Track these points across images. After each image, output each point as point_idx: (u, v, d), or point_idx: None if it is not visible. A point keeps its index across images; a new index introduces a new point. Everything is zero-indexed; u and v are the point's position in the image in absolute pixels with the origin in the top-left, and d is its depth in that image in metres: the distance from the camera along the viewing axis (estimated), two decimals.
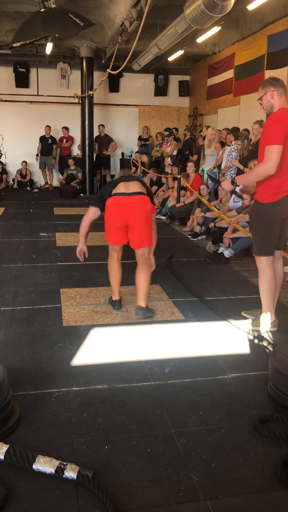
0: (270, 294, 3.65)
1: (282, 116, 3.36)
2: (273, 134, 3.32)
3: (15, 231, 7.48)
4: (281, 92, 3.45)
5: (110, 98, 14.31)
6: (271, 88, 3.44)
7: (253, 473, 2.16)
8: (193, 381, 2.96)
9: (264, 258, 3.60)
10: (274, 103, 3.46)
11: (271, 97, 3.46)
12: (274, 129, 3.32)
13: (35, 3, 6.96)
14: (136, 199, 3.79)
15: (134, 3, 7.50)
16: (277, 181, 3.42)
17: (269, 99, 3.47)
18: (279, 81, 3.48)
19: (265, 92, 3.48)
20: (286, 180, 3.44)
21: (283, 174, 3.41)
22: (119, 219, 3.81)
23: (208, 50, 11.52)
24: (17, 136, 13.84)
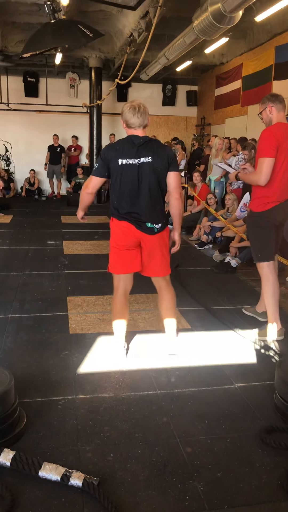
0: (274, 300, 3.70)
1: (277, 130, 3.50)
2: (265, 147, 3.47)
3: (23, 239, 7.53)
4: (280, 108, 3.62)
5: (118, 107, 14.41)
6: (270, 104, 3.61)
7: (258, 484, 2.16)
8: (199, 390, 2.96)
9: (265, 264, 3.71)
10: (272, 118, 3.62)
11: (270, 112, 3.62)
12: (266, 142, 3.48)
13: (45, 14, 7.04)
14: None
15: (143, 14, 7.59)
16: (268, 191, 3.57)
17: (268, 114, 3.64)
18: (278, 97, 3.65)
19: (264, 107, 3.65)
20: (277, 191, 3.57)
21: (273, 184, 3.54)
22: (130, 233, 3.17)
23: (216, 61, 11.61)
24: (25, 145, 14.00)
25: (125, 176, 3.07)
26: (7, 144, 14.21)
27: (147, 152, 3.05)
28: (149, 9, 7.14)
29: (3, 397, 2.36)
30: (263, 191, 3.59)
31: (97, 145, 12.29)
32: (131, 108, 3.06)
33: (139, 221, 3.13)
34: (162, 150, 3.12)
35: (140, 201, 3.10)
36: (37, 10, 8.57)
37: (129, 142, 3.07)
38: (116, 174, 3.10)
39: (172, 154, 3.17)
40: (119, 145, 3.11)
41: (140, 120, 3.06)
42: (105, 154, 3.12)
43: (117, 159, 3.05)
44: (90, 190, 3.27)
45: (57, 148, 13.35)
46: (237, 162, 7.62)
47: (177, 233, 3.34)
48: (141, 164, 3.05)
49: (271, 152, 3.45)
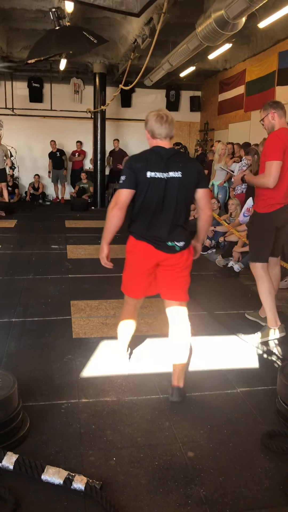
0: (271, 299, 3.80)
1: (282, 134, 3.61)
2: (272, 150, 3.58)
3: (27, 243, 7.57)
4: (281, 114, 3.72)
5: (122, 113, 14.49)
6: (272, 110, 3.71)
7: (260, 488, 2.16)
8: (201, 395, 2.97)
9: (260, 265, 3.81)
10: (275, 124, 3.71)
11: (272, 119, 3.72)
12: (274, 146, 3.58)
13: (50, 21, 7.12)
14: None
15: (147, 21, 7.65)
16: (274, 193, 3.67)
17: (270, 120, 3.73)
18: (279, 104, 3.76)
19: (266, 114, 3.74)
20: (282, 193, 3.67)
21: (280, 187, 3.64)
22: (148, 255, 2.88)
23: (219, 66, 11.66)
24: (30, 150, 14.07)
25: (151, 191, 2.77)
26: (11, 149, 14.27)
27: (176, 166, 2.79)
28: (153, 15, 7.20)
29: (6, 400, 2.38)
30: (269, 193, 3.68)
31: (101, 150, 12.35)
32: (158, 117, 2.85)
33: (158, 240, 2.84)
34: (191, 164, 2.90)
35: (162, 217, 2.82)
36: (42, 17, 8.65)
37: (156, 154, 2.81)
38: (141, 188, 2.78)
39: (201, 169, 2.96)
40: (147, 156, 2.81)
41: (167, 130, 2.87)
42: (133, 165, 2.80)
43: (145, 171, 2.76)
44: (120, 205, 2.79)
45: (57, 153, 13.43)
46: (240, 168, 7.64)
47: (199, 244, 3.13)
48: (169, 179, 2.77)
49: (279, 155, 3.55)
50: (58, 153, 13.44)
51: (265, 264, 3.83)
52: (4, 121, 14.04)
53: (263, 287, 3.82)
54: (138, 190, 2.80)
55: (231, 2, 5.69)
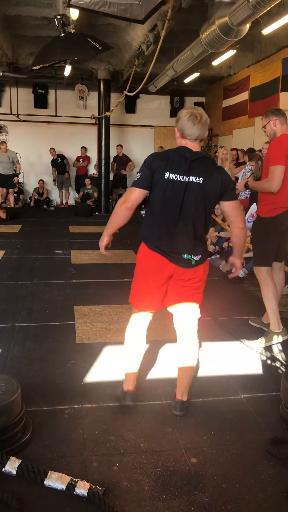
0: (275, 303, 3.84)
1: (284, 140, 3.68)
2: (275, 155, 3.64)
3: (31, 248, 7.59)
4: (283, 121, 3.78)
5: (126, 119, 14.55)
6: (274, 117, 3.78)
7: (264, 496, 2.15)
8: (205, 400, 2.96)
9: (264, 269, 3.85)
10: (276, 131, 3.78)
11: (274, 125, 3.79)
12: (276, 151, 3.65)
13: (55, 28, 7.17)
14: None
15: (151, 27, 7.69)
16: (277, 197, 3.72)
17: (272, 127, 3.81)
18: (280, 111, 3.82)
19: (268, 121, 3.82)
20: (285, 197, 3.73)
21: (283, 191, 3.69)
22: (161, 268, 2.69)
23: (223, 73, 11.70)
24: (35, 156, 14.13)
25: (169, 194, 2.55)
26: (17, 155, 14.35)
27: (199, 171, 2.55)
28: (157, 22, 7.25)
29: (10, 405, 2.38)
30: (272, 197, 3.73)
31: (105, 156, 12.41)
32: (191, 116, 2.61)
33: (173, 252, 2.62)
34: (216, 172, 2.61)
35: (179, 226, 2.59)
36: (48, 24, 8.72)
37: (180, 155, 2.59)
38: (158, 189, 2.57)
39: (228, 179, 2.65)
40: (169, 155, 2.60)
41: (200, 132, 2.61)
42: (151, 162, 2.59)
43: (164, 171, 2.55)
44: (130, 204, 2.61)
45: (58, 159, 13.51)
46: (244, 173, 7.65)
47: (238, 260, 2.88)
48: (189, 184, 2.54)
49: (281, 160, 3.61)
50: (59, 159, 13.52)
51: (269, 268, 3.86)
52: (9, 126, 14.13)
53: (267, 291, 3.85)
54: (154, 191, 2.60)
55: (235, 9, 5.73)
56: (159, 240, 2.63)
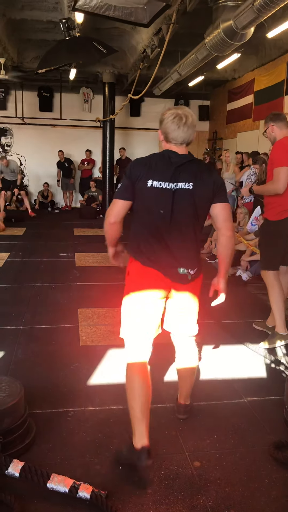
0: (282, 306, 3.84)
1: (286, 142, 3.71)
2: (279, 157, 3.66)
3: (36, 251, 7.61)
4: (281, 126, 3.80)
5: (131, 122, 14.58)
6: (271, 123, 3.83)
7: (267, 500, 2.14)
8: (208, 404, 2.96)
9: (271, 273, 3.85)
10: (276, 136, 3.83)
11: (272, 131, 3.85)
12: (280, 153, 3.68)
13: (60, 31, 7.21)
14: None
15: (156, 31, 7.72)
16: (283, 200, 3.70)
17: (271, 132, 3.87)
18: (279, 116, 3.86)
19: (267, 127, 3.88)
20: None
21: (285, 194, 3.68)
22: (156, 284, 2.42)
23: (228, 76, 11.71)
24: (39, 158, 14.18)
25: (154, 204, 2.32)
26: (21, 157, 14.42)
27: (188, 176, 2.31)
28: (162, 26, 7.27)
29: (13, 408, 2.38)
30: (279, 200, 3.73)
31: (109, 159, 12.43)
32: (176, 118, 2.39)
33: (168, 267, 2.38)
34: (207, 174, 2.38)
35: (172, 239, 2.35)
36: (53, 27, 8.77)
37: (165, 160, 2.34)
38: (143, 199, 2.33)
39: (220, 180, 2.44)
40: (151, 161, 2.36)
41: (185, 135, 2.36)
42: (132, 170, 2.36)
43: (146, 179, 2.30)
44: (113, 219, 2.39)
45: (65, 163, 13.57)
46: (248, 176, 7.65)
47: (223, 281, 2.63)
48: (177, 191, 2.30)
49: (286, 161, 3.62)
50: (66, 163, 13.58)
51: (277, 272, 3.87)
52: (14, 130, 14.20)
53: (274, 294, 3.85)
54: (138, 202, 2.36)
55: (240, 12, 5.73)
56: (151, 253, 2.37)
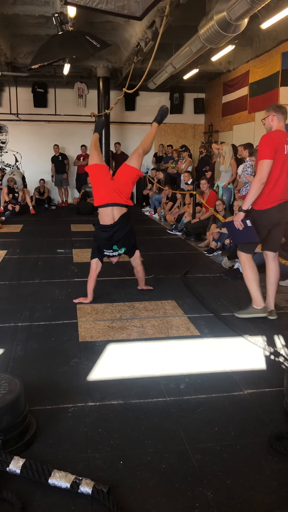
0: (255, 282, 4.22)
1: (275, 136, 3.98)
2: (264, 150, 3.92)
3: (33, 247, 7.59)
4: (281, 118, 4.06)
5: (126, 116, 14.53)
6: (273, 113, 4.06)
7: (269, 491, 2.14)
8: (208, 397, 2.96)
9: (244, 255, 4.23)
10: (272, 126, 4.08)
11: (271, 121, 4.08)
12: (265, 146, 3.93)
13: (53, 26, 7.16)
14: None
15: (150, 24, 7.67)
16: (269, 192, 3.98)
17: (270, 121, 4.10)
18: (282, 109, 4.08)
19: (268, 115, 4.10)
20: (277, 193, 4.00)
21: (273, 186, 3.97)
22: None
23: (222, 68, 11.67)
24: (35, 155, 14.14)
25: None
26: (17, 154, 14.37)
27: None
28: (155, 18, 7.23)
29: (13, 404, 2.38)
30: (265, 191, 3.99)
31: (105, 154, 12.39)
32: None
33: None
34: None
35: None
36: (45, 22, 8.72)
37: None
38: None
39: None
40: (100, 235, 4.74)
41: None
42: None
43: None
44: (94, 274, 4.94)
45: (59, 157, 13.53)
46: (244, 169, 7.62)
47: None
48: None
49: (270, 155, 3.88)
50: (60, 157, 13.54)
51: (250, 255, 4.22)
52: (9, 126, 14.14)
53: (247, 272, 4.25)
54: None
55: (233, 3, 5.70)
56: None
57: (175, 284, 5.46)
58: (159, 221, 10.80)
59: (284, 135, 4.00)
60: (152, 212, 11.91)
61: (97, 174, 4.69)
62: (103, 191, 4.56)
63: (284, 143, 3.95)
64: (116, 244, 4.62)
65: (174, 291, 5.16)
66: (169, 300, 4.83)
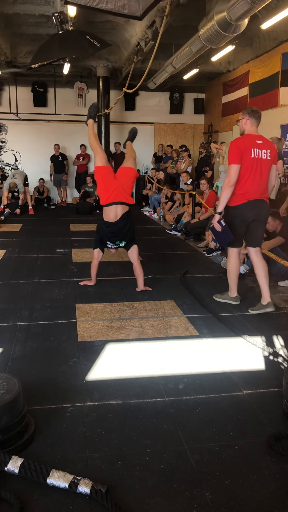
0: (234, 275, 4.69)
1: (240, 142, 4.31)
2: (230, 156, 4.29)
3: (32, 247, 7.59)
4: (253, 123, 4.37)
5: (126, 116, 14.53)
6: (247, 117, 4.37)
7: (267, 491, 2.14)
8: (207, 397, 2.96)
9: (231, 249, 4.62)
10: (245, 129, 4.41)
11: (244, 124, 4.41)
12: (231, 153, 4.30)
13: (53, 25, 7.16)
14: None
15: (150, 24, 7.67)
16: (241, 191, 4.34)
17: (243, 125, 4.42)
18: (256, 113, 4.38)
19: (242, 118, 4.42)
20: (248, 191, 4.32)
21: (245, 186, 4.31)
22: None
23: (222, 68, 11.67)
24: (34, 154, 14.14)
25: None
26: (16, 153, 14.37)
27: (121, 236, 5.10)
28: (155, 18, 7.23)
29: (11, 404, 2.38)
30: (238, 191, 4.35)
31: None
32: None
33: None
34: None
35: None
36: (45, 21, 8.72)
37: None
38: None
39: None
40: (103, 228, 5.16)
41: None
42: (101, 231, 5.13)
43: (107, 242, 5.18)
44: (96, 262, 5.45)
45: (59, 157, 13.52)
46: None
47: None
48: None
49: (236, 160, 4.25)
50: (60, 157, 13.53)
51: (236, 249, 4.59)
52: (8, 125, 14.14)
53: (230, 264, 4.68)
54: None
55: (234, 3, 5.70)
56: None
57: (174, 284, 5.46)
58: (158, 221, 10.80)
59: (253, 139, 4.29)
60: (151, 212, 11.92)
61: (104, 175, 5.11)
62: (108, 191, 4.98)
63: (252, 147, 4.24)
64: (118, 239, 5.06)
65: (173, 291, 5.16)
66: (168, 300, 4.83)
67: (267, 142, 4.38)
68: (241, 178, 4.29)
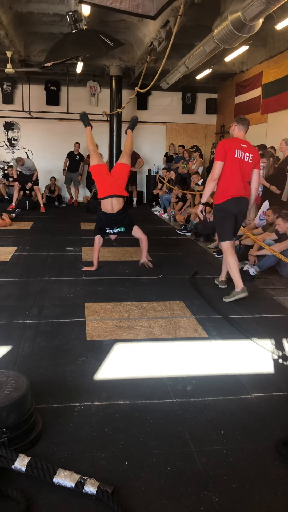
0: (236, 268, 4.82)
1: (225, 142, 4.85)
2: (216, 153, 4.76)
3: (43, 245, 7.61)
4: (241, 129, 4.86)
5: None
6: (235, 124, 4.88)
7: (274, 497, 2.12)
8: (215, 399, 2.94)
9: (225, 242, 4.88)
10: (234, 134, 4.91)
11: (233, 130, 4.90)
12: (217, 150, 4.76)
13: (67, 24, 7.18)
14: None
15: (163, 23, 7.65)
16: (225, 189, 4.77)
17: (232, 130, 4.92)
18: (244, 121, 4.88)
19: (232, 124, 4.92)
20: (231, 188, 4.73)
21: (229, 184, 4.73)
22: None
23: (236, 69, 11.61)
24: (46, 152, 14.17)
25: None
26: (28, 151, 14.42)
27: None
28: (169, 18, 7.20)
29: (19, 402, 2.38)
30: (221, 188, 4.78)
31: (116, 153, 12.40)
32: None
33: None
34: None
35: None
36: (59, 20, 8.73)
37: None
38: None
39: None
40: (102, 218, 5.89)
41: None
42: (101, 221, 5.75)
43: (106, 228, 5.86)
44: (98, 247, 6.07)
45: (77, 156, 13.51)
46: None
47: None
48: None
49: (220, 157, 4.70)
50: (78, 157, 13.53)
51: (230, 242, 4.87)
52: (21, 123, 14.19)
53: (229, 259, 4.86)
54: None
55: (248, 3, 5.66)
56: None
57: (183, 284, 5.44)
58: (168, 221, 10.78)
59: (238, 142, 4.75)
60: (161, 212, 11.90)
61: (99, 173, 5.88)
62: (104, 185, 5.71)
63: (236, 148, 4.68)
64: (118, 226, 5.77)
65: (182, 291, 5.14)
66: (177, 300, 4.81)
67: (251, 148, 4.83)
68: (224, 175, 4.73)
